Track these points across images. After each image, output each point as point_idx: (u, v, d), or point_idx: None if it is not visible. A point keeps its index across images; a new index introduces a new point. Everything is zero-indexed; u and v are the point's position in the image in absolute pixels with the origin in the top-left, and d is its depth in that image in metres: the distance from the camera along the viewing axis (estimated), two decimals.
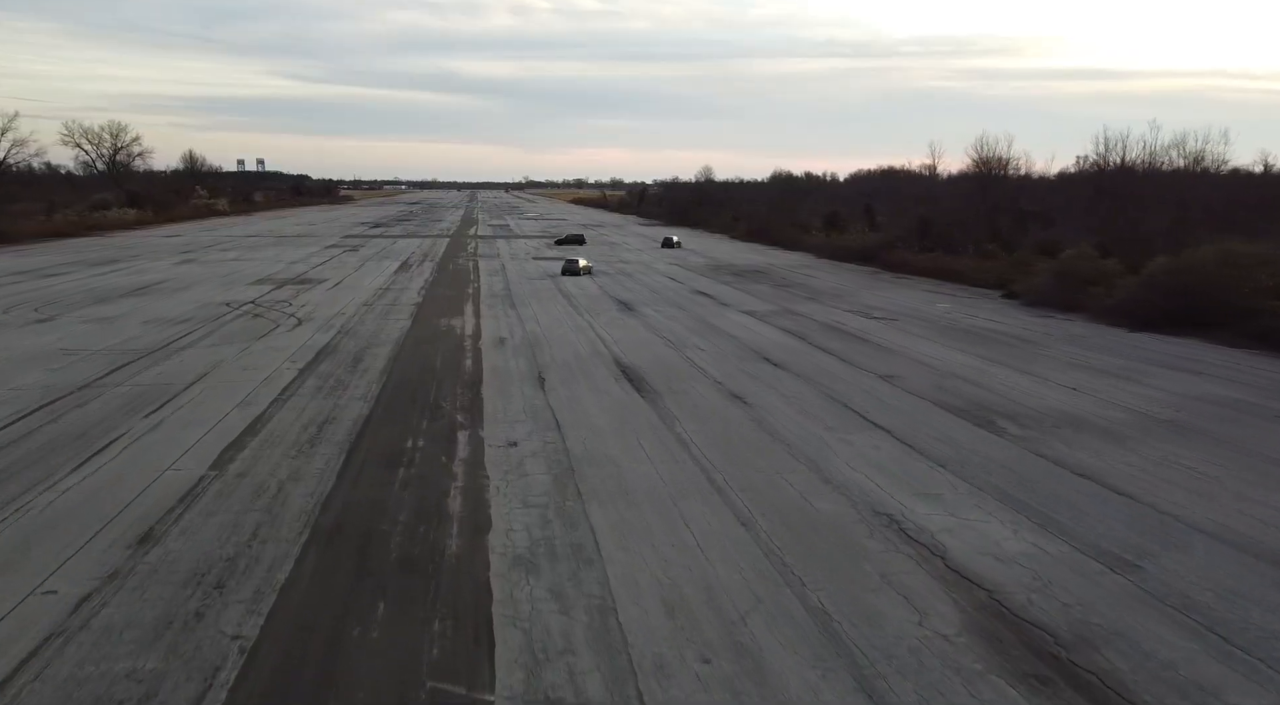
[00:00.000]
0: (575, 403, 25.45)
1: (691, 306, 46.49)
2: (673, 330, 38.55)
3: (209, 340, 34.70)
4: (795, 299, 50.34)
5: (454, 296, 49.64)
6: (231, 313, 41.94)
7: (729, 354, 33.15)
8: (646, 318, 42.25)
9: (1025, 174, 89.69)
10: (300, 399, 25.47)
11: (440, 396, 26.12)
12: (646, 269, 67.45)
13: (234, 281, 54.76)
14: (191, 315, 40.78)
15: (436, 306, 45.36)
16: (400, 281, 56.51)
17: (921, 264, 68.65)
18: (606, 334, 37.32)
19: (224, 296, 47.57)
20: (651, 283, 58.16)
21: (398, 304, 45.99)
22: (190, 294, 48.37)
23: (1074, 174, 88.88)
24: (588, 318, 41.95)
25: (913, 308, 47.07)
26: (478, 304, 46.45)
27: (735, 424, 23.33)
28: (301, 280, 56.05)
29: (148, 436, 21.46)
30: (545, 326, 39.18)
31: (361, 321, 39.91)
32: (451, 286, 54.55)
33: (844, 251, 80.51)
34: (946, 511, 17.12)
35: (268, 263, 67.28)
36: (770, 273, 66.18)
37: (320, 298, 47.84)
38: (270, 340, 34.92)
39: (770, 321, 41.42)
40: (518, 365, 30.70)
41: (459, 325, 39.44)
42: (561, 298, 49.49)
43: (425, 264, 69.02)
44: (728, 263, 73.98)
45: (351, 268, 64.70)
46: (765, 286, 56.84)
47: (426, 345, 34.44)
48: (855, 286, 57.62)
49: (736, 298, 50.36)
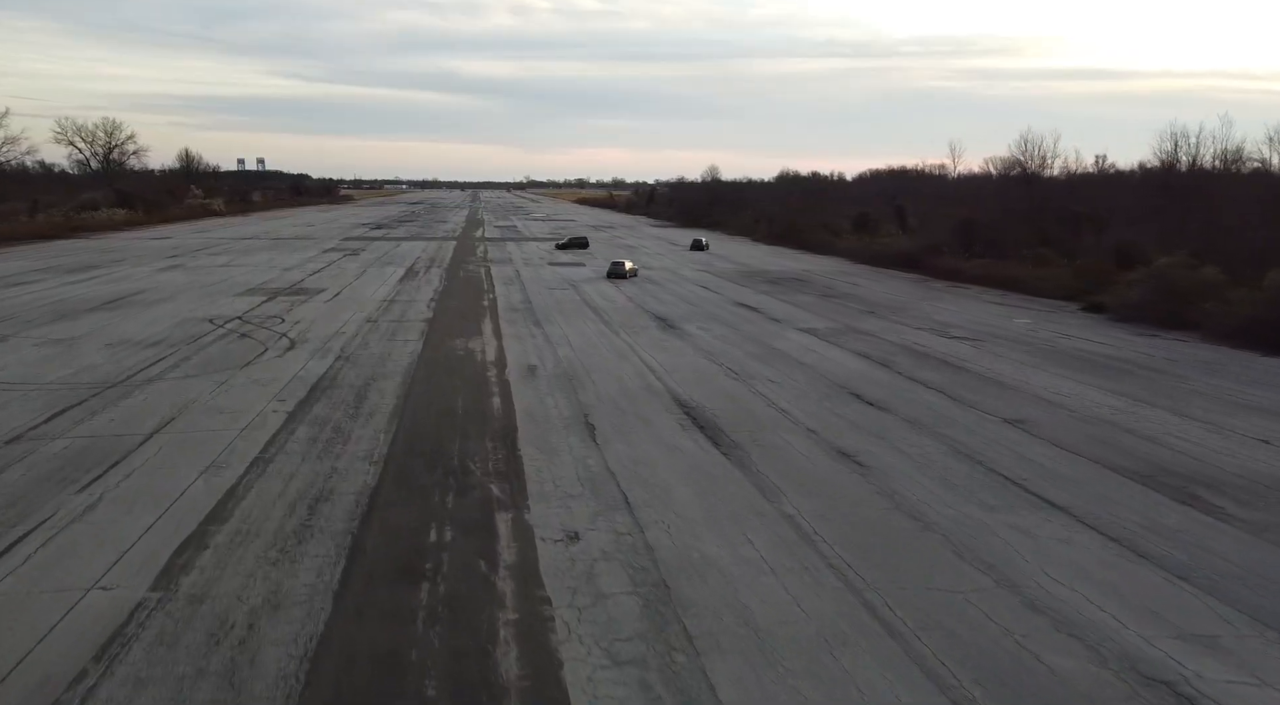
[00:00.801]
0: (641, 464, 19.76)
1: (739, 323, 40.80)
2: (729, 355, 32.86)
3: (182, 369, 29.00)
4: (851, 313, 44.66)
5: (468, 310, 43.93)
6: (213, 332, 36.22)
7: (808, 388, 27.46)
8: (693, 338, 36.54)
9: (1072, 172, 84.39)
10: (287, 459, 19.78)
11: (467, 455, 20.42)
12: (674, 276, 61.77)
13: (221, 291, 49.05)
14: (165, 336, 35.05)
15: (450, 323, 39.65)
16: (406, 292, 50.80)
17: (972, 271, 62.99)
18: (653, 360, 31.63)
19: (207, 310, 41.86)
20: (683, 293, 52.48)
21: (405, 320, 40.27)
22: (169, 308, 42.65)
23: (1129, 174, 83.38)
24: (626, 338, 36.25)
25: (989, 324, 41.38)
26: (496, 320, 40.74)
27: (860, 500, 17.64)
28: (297, 290, 50.34)
29: (73, 528, 15.74)
30: (579, 350, 33.48)
31: (364, 343, 34.20)
32: (464, 298, 48.84)
33: (882, 256, 74.78)
34: (1248, 671, 11.45)
35: (260, 269, 61.57)
36: (810, 280, 60.50)
37: (317, 312, 42.14)
38: (256, 370, 29.21)
39: (838, 342, 35.72)
40: (557, 406, 24.99)
41: (478, 348, 33.73)
42: (590, 311, 43.80)
43: (432, 270, 63.30)
44: (759, 269, 68.29)
45: (352, 275, 58.98)
46: (810, 297, 51.18)
47: (443, 376, 28.73)
48: (910, 297, 51.92)
49: (785, 311, 44.65)
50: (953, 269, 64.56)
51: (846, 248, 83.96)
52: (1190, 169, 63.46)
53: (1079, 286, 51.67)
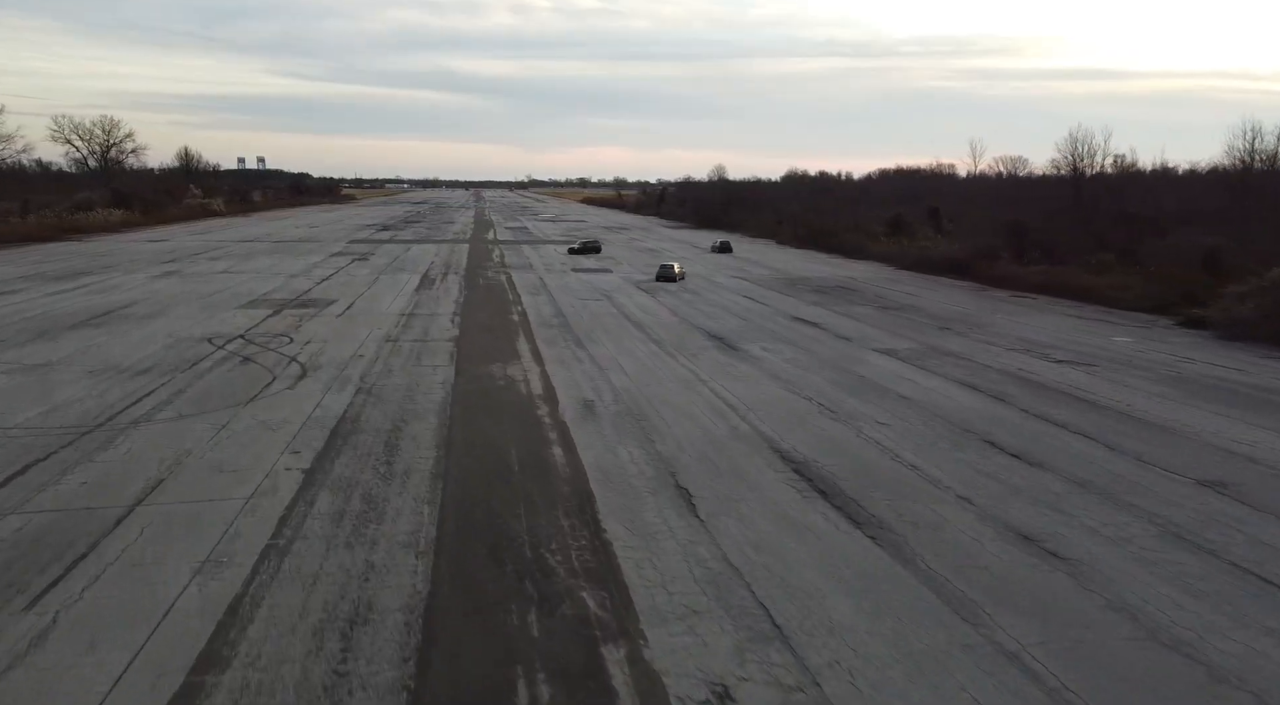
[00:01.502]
0: (767, 552, 15.15)
1: (805, 342, 36.17)
2: (811, 384, 28.23)
3: (175, 406, 24.37)
4: (923, 329, 40.03)
5: (498, 326, 39.28)
6: (213, 355, 31.60)
7: (927, 432, 22.83)
8: (761, 362, 31.92)
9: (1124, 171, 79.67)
10: (308, 548, 15.15)
11: (539, 538, 15.79)
12: (709, 284, 57.12)
13: (221, 303, 44.41)
14: (158, 361, 30.41)
15: (480, 343, 35.00)
16: (425, 303, 46.16)
17: (1031, 278, 58.34)
18: (727, 392, 27.01)
19: (206, 327, 37.22)
20: (727, 303, 47.86)
21: (429, 339, 35.63)
22: (163, 324, 37.99)
23: (1192, 174, 78.81)
24: (685, 362, 31.62)
25: (1086, 343, 36.75)
26: (532, 339, 36.10)
27: (1091, 621, 13.00)
28: (305, 302, 45.70)
29: (7, 682, 11.11)
30: (636, 378, 28.86)
31: (386, 370, 29.56)
32: (490, 310, 44.19)
33: (925, 262, 70.09)
34: None
35: (264, 276, 56.92)
36: (858, 289, 55.86)
37: (329, 329, 37.50)
38: (262, 407, 24.57)
39: (928, 367, 31.10)
40: (633, 459, 20.37)
41: (518, 376, 29.08)
42: (633, 327, 39.16)
43: (450, 278, 58.64)
44: (799, 275, 63.65)
45: (363, 283, 54.33)
46: (867, 308, 46.57)
47: (485, 415, 24.08)
48: (978, 310, 47.28)
49: (851, 328, 40.02)
50: (1009, 276, 59.88)
51: (883, 252, 79.27)
52: (1271, 168, 58.73)
53: (1164, 297, 47.07)
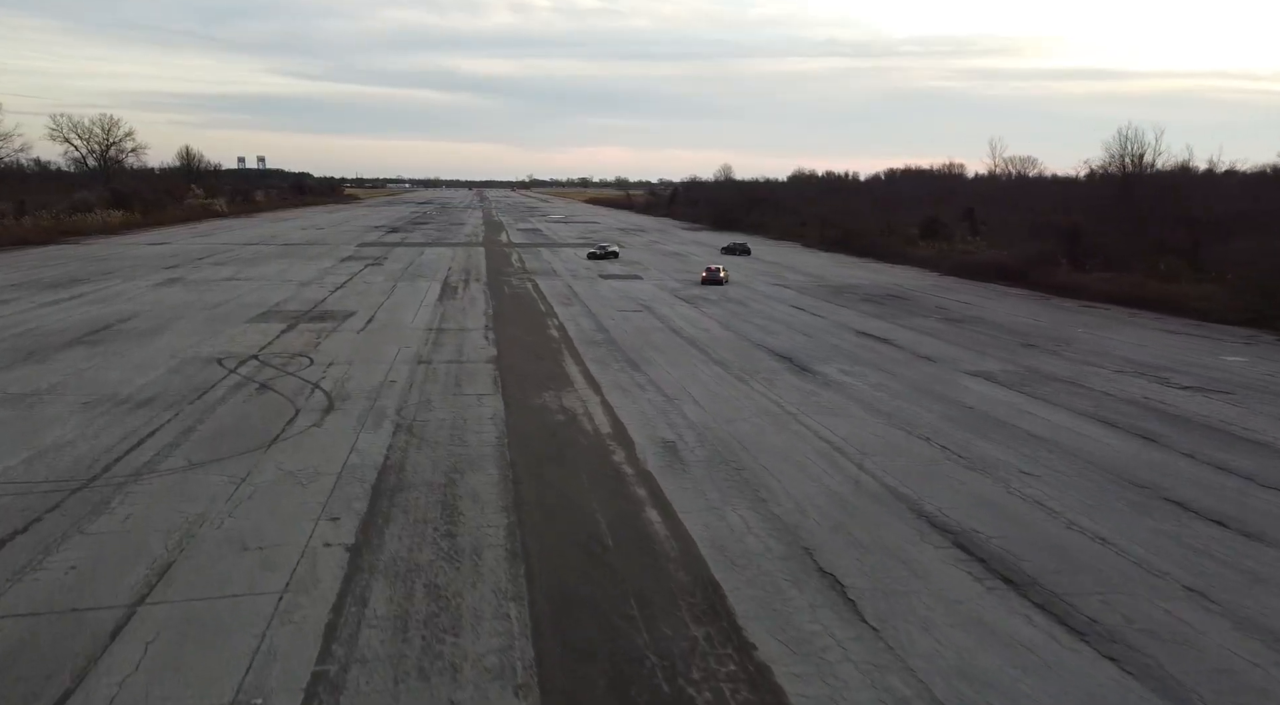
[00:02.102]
0: (987, 685, 11.27)
1: (884, 362, 32.30)
2: (920, 420, 24.35)
3: (183, 450, 20.50)
4: (1005, 345, 36.16)
5: (538, 344, 35.37)
6: (224, 381, 27.73)
7: (1088, 487, 18.93)
8: (847, 388, 28.03)
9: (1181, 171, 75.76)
10: (366, 683, 11.26)
11: (671, 661, 11.89)
12: (750, 291, 53.23)
13: (229, 316, 40.52)
14: (162, 388, 26.52)
15: (523, 364, 31.11)
16: (452, 315, 42.27)
17: (1096, 287, 54.45)
18: (826, 430, 23.11)
19: (215, 345, 33.35)
20: (776, 314, 43.99)
21: (465, 360, 31.74)
22: (166, 341, 34.12)
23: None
24: (761, 389, 27.73)
25: (1197, 364, 32.88)
26: (580, 359, 32.20)
27: None
28: (321, 314, 41.80)
29: None
30: (712, 410, 24.98)
31: (425, 400, 25.68)
32: (524, 324, 40.29)
33: (971, 268, 66.15)
34: None
35: (273, 284, 53.03)
36: (910, 298, 52.00)
37: (351, 347, 33.61)
38: (287, 451, 20.68)
39: (1043, 397, 27.21)
40: (750, 528, 16.48)
41: (577, 408, 25.18)
42: (686, 345, 35.28)
43: (472, 285, 54.74)
44: (842, 282, 59.76)
45: (381, 292, 50.43)
46: (932, 321, 42.71)
47: (554, 465, 20.18)
48: (1051, 322, 43.39)
49: (928, 345, 36.13)
50: (1071, 284, 56.00)
51: (921, 256, 75.31)
52: None
53: (1256, 309, 43.17)
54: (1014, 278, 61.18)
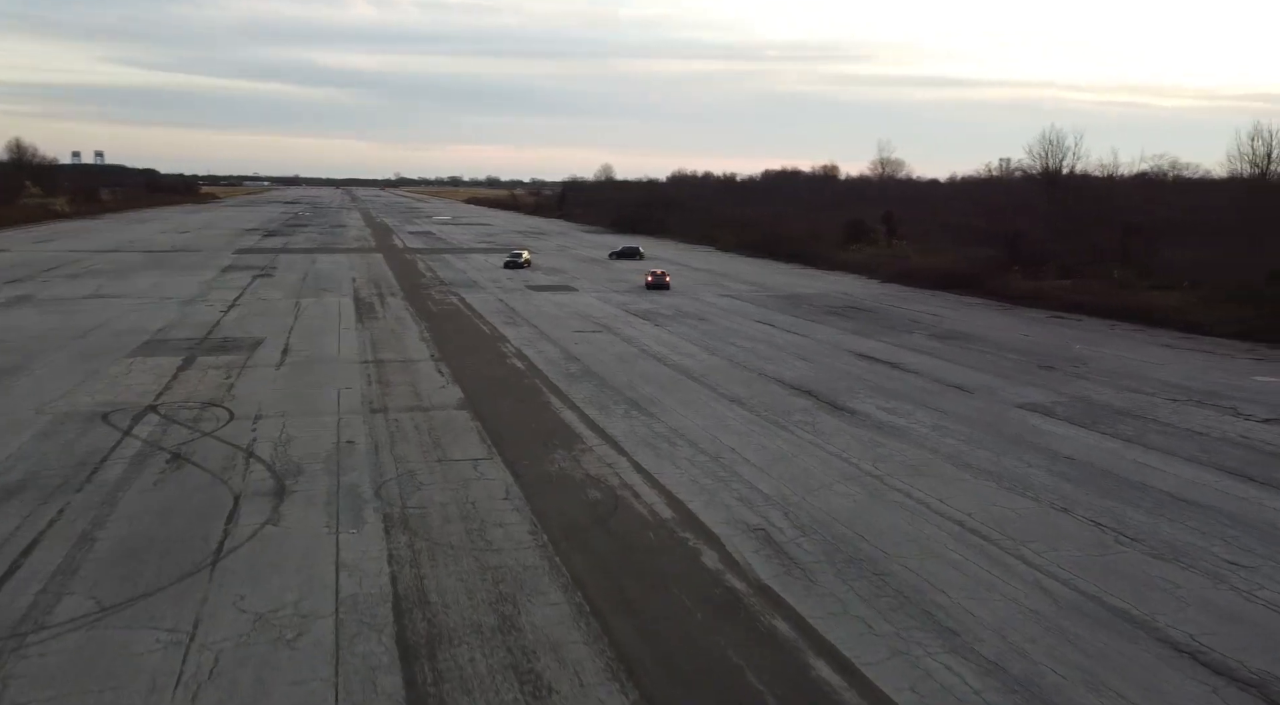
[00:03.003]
0: None
1: (916, 393, 27.98)
2: (1034, 480, 19.94)
3: (83, 582, 13.97)
4: (1025, 368, 32.57)
5: (504, 378, 29.43)
6: (119, 450, 20.82)
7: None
8: (907, 434, 23.43)
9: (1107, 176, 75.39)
10: None
11: None
12: (699, 303, 48.44)
13: (104, 348, 32.84)
14: (33, 466, 19.46)
15: (504, 410, 25.18)
16: (384, 340, 35.69)
17: (1056, 294, 52.16)
18: (945, 504, 18.37)
19: (93, 393, 26.06)
20: (749, 332, 39.32)
21: (428, 403, 25.55)
22: (27, 388, 26.54)
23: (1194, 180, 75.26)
24: (812, 439, 22.80)
25: (1239, 387, 29.94)
26: (568, 400, 26.47)
27: None
28: (221, 343, 34.51)
29: None
30: (778, 473, 19.89)
31: (408, 473, 19.58)
32: (476, 353, 34.13)
33: (914, 274, 63.21)
34: None
35: (150, 302, 44.85)
36: (875, 309, 48.34)
37: (276, 390, 26.89)
38: (241, 577, 14.39)
39: (1128, 438, 23.33)
40: (985, 696, 11.51)
41: (613, 479, 19.58)
42: (681, 377, 30.06)
43: (390, 301, 47.87)
44: (788, 291, 55.71)
45: (285, 311, 43.09)
46: (918, 337, 38.96)
47: (633, 580, 14.58)
48: (1042, 338, 40.29)
49: (943, 370, 32.09)
50: (1029, 293, 53.55)
51: (851, 261, 72.23)
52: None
53: (1242, 319, 41.24)
54: (962, 285, 58.61)
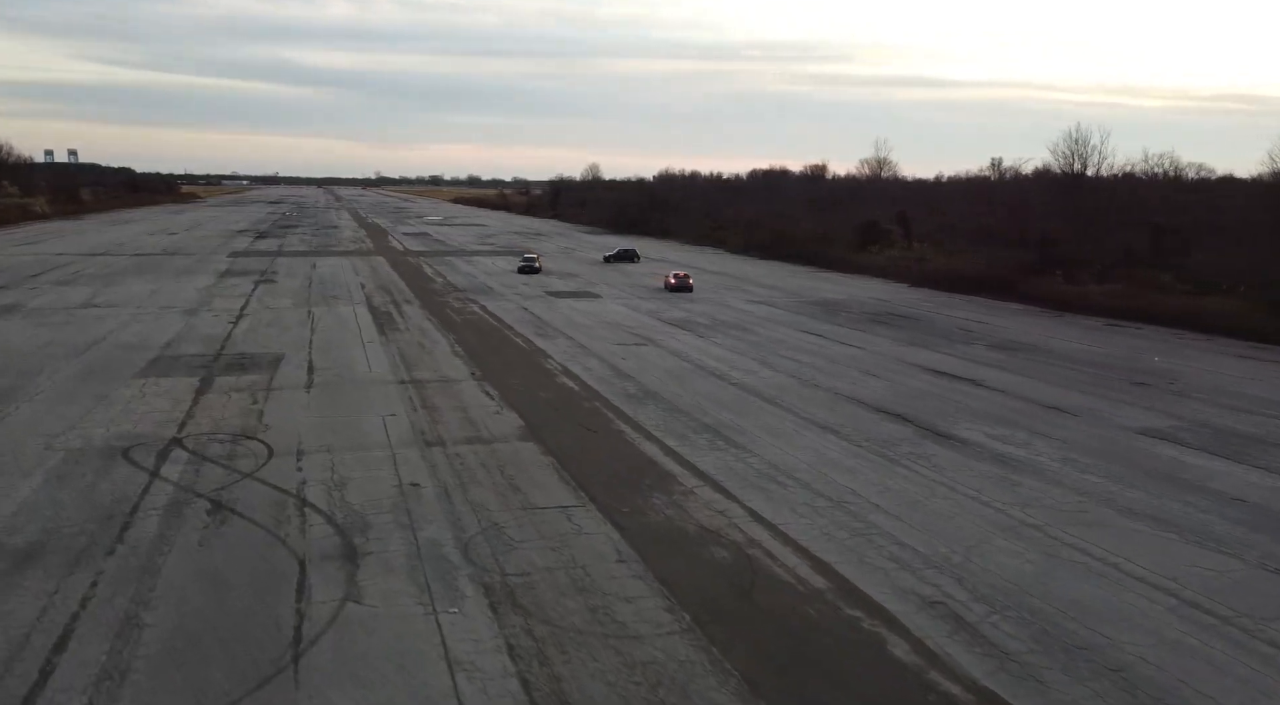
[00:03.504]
0: None
1: (1018, 417, 25.36)
2: (1228, 536, 17.33)
3: (133, 692, 11.07)
4: (1110, 385, 30.11)
5: (560, 401, 26.51)
6: (147, 497, 17.83)
7: None
8: (1037, 469, 20.76)
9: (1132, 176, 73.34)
10: None
11: None
12: (729, 309, 45.74)
13: (110, 366, 29.72)
14: (48, 521, 16.44)
15: (576, 443, 22.35)
16: (413, 355, 32.72)
17: (1102, 300, 49.85)
18: (1148, 569, 15.68)
19: (106, 422, 22.99)
20: (800, 344, 36.65)
21: (488, 434, 22.65)
22: (27, 417, 23.44)
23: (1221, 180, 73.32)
24: (934, 475, 20.10)
25: None
26: (641, 428, 23.60)
27: None
28: (238, 360, 31.44)
29: None
30: (920, 523, 17.19)
31: (493, 526, 16.73)
32: (518, 369, 31.23)
33: (943, 278, 60.76)
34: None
35: (150, 312, 41.64)
36: (916, 317, 45.82)
37: (313, 418, 23.91)
38: (334, 681, 11.55)
39: (1274, 469, 20.88)
40: None
41: (733, 534, 16.81)
42: (751, 397, 27.28)
43: (406, 310, 44.84)
44: (817, 297, 53.10)
45: (297, 321, 39.99)
46: (980, 349, 36.48)
47: (823, 684, 11.92)
48: (1115, 349, 37.85)
49: (1028, 387, 29.53)
50: (1071, 297, 51.22)
51: (874, 265, 69.65)
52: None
53: None
54: (995, 289, 56.26)
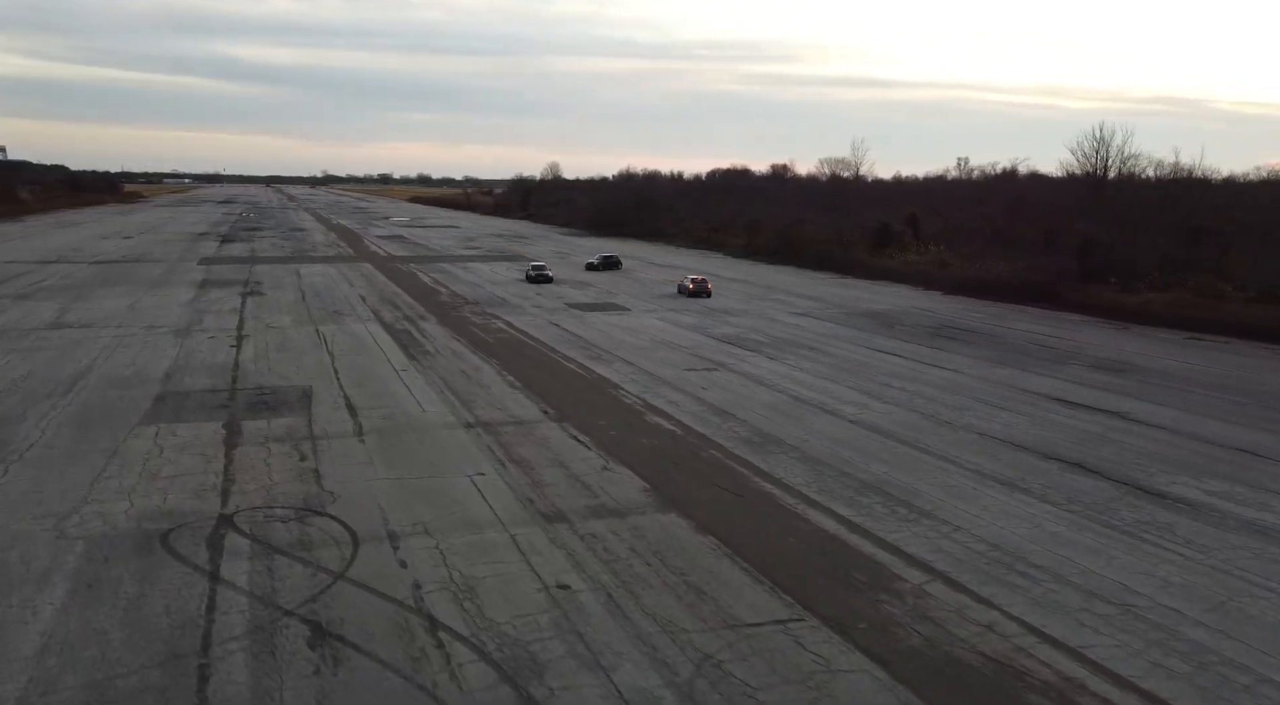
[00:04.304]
0: None
1: (1223, 467, 21.48)
2: None
3: None
4: (1269, 414, 26.58)
5: (674, 452, 22.01)
6: (213, 619, 13.07)
7: None
8: None
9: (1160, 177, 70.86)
10: None
11: None
12: (781, 325, 41.67)
13: (107, 408, 24.53)
14: (96, 676, 11.56)
15: (741, 525, 17.89)
16: (470, 392, 27.94)
17: (1162, 309, 46.66)
18: None
19: (126, 491, 17.97)
20: (885, 367, 32.67)
21: (619, 506, 18.13)
22: (22, 486, 18.29)
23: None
24: (1212, 564, 15.98)
25: None
26: (797, 491, 19.29)
27: None
28: (260, 397, 26.40)
29: None
30: (1237, 632, 13.18)
31: (726, 675, 12.26)
32: (600, 409, 26.66)
33: (977, 285, 57.12)
34: None
35: (134, 333, 36.22)
36: (971, 328, 42.15)
37: (390, 486, 19.15)
38: None
39: None
40: None
41: (1026, 662, 12.45)
42: (895, 444, 23.15)
43: (426, 328, 39.89)
44: (858, 307, 49.23)
45: (309, 345, 34.89)
46: (1077, 369, 33.00)
47: None
48: (1222, 366, 34.43)
49: (1185, 423, 25.83)
50: (1128, 306, 47.98)
51: (897, 270, 65.77)
52: None
53: None
54: (1038, 298, 52.97)
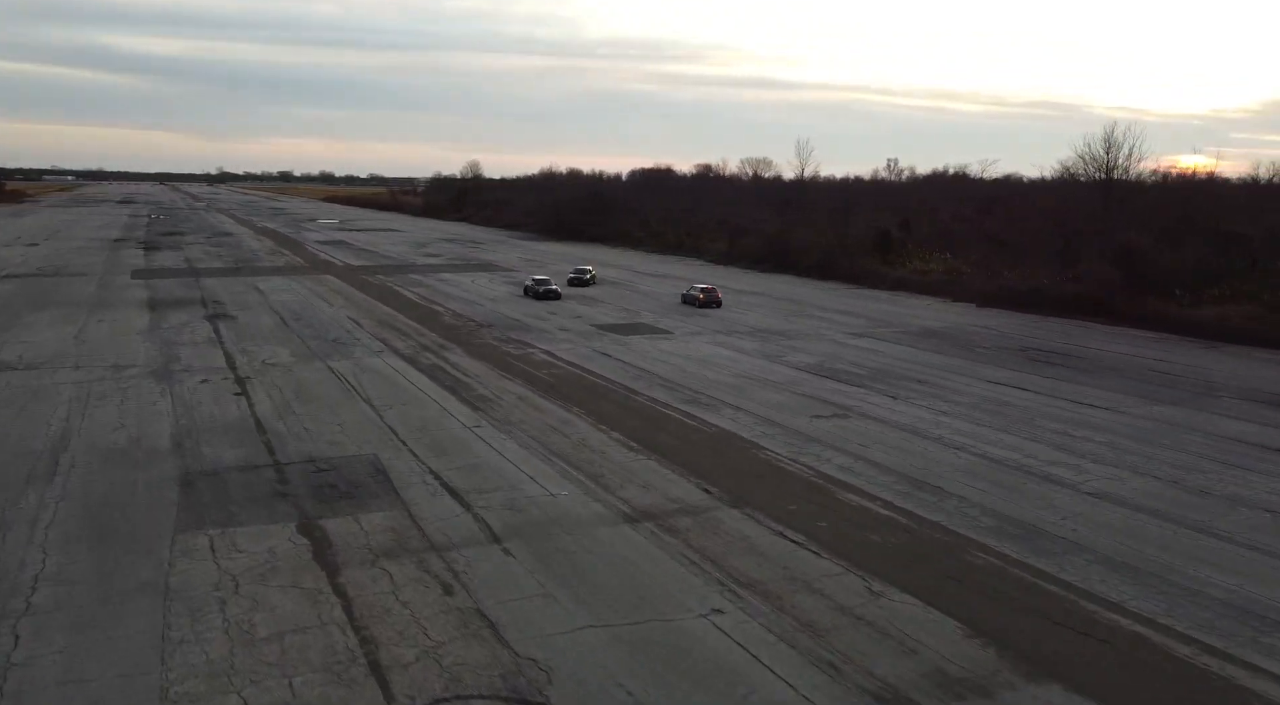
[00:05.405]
0: None
1: None
2: None
3: None
4: None
5: (928, 557, 16.53)
6: None
7: None
8: None
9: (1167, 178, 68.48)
10: None
11: None
12: (857, 351, 36.60)
13: (118, 506, 17.65)
14: None
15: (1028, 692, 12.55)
16: (595, 465, 21.78)
17: (1241, 324, 43.34)
18: None
19: (215, 677, 11.53)
20: (1029, 406, 27.85)
21: (958, 673, 12.58)
22: (46, 676, 11.67)
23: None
24: None
25: None
26: (1247, 662, 14.10)
27: None
28: (322, 481, 19.76)
29: None
30: None
31: None
32: (773, 483, 20.91)
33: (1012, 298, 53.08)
34: None
35: (99, 375, 28.74)
36: (1049, 348, 37.91)
37: (601, 646, 13.08)
38: None
39: None
40: None
41: None
42: (1171, 528, 18.18)
43: (453, 358, 33.23)
44: (908, 325, 44.58)
45: (333, 387, 28.06)
46: (1228, 400, 28.70)
47: None
48: None
49: None
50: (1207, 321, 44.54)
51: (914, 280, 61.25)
52: None
53: None
54: (1089, 311, 49.35)
